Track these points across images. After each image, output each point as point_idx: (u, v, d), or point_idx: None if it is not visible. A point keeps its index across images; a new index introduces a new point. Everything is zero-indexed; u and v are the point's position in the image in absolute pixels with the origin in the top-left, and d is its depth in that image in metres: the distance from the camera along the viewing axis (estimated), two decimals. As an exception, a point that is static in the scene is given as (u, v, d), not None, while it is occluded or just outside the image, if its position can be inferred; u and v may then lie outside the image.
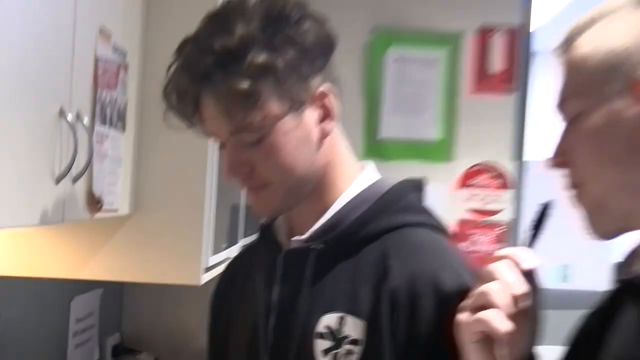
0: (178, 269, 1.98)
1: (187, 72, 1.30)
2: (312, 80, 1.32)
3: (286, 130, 1.30)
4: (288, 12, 1.31)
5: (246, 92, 1.25)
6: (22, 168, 1.36)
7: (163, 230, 1.99)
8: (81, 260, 2.01)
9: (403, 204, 1.39)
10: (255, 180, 1.34)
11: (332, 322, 1.32)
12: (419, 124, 3.24)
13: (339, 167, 1.40)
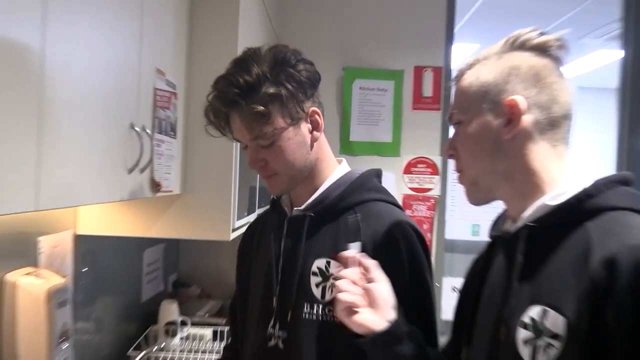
0: (214, 229, 1.97)
1: (220, 99, 1.31)
2: (306, 104, 1.34)
3: (289, 138, 1.31)
4: (288, 58, 1.32)
5: (262, 113, 1.27)
6: (105, 163, 1.36)
7: (203, 204, 1.98)
8: (149, 224, 2.00)
9: (368, 185, 1.39)
10: (268, 171, 1.35)
11: (321, 264, 1.33)
12: (376, 131, 3.23)
13: (324, 162, 1.40)
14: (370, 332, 1.13)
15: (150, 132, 1.59)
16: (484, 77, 1.02)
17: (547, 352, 0.87)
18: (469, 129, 1.03)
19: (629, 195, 0.95)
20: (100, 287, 2.25)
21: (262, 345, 1.37)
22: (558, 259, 0.92)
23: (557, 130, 1.01)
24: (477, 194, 1.06)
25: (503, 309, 0.96)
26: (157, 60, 1.64)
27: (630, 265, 0.81)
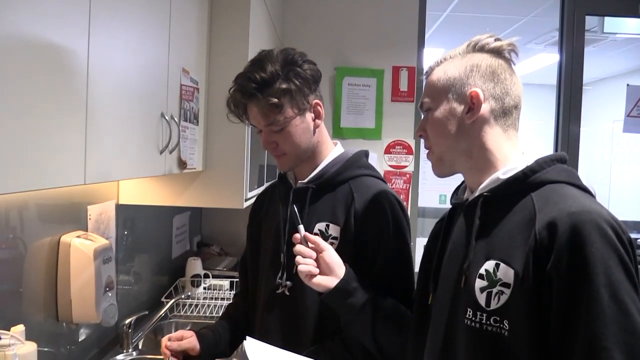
0: (230, 199, 1.96)
1: (240, 92, 1.29)
2: (310, 97, 1.32)
3: (296, 125, 1.30)
4: (296, 59, 1.30)
5: (276, 104, 1.26)
6: (141, 146, 1.34)
7: (221, 179, 1.96)
8: (177, 195, 1.98)
9: (359, 163, 1.38)
10: (278, 151, 1.33)
11: (322, 227, 1.32)
12: (362, 119, 3.20)
13: (324, 144, 1.38)
14: (327, 289, 1.17)
15: (178, 120, 1.57)
16: (450, 73, 1.02)
17: (499, 297, 0.88)
18: (437, 114, 1.02)
19: (565, 171, 0.96)
20: (139, 247, 2.24)
21: (272, 293, 1.37)
22: (508, 222, 0.92)
23: (509, 117, 1.01)
24: (442, 168, 1.05)
25: (463, 263, 0.96)
26: (182, 60, 1.62)
27: (567, 228, 0.82)
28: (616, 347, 0.78)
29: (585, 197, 0.90)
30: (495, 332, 0.88)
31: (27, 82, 0.83)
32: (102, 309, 1.55)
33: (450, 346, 0.96)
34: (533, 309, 0.84)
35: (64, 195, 1.58)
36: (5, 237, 1.33)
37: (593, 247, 0.80)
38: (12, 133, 0.80)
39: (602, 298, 0.79)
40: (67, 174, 0.97)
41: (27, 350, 1.25)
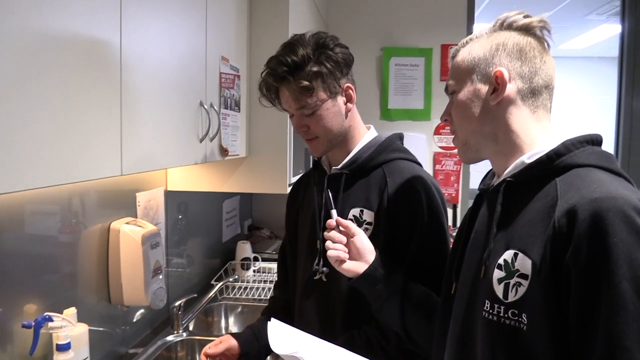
0: (274, 184, 1.98)
1: (272, 76, 1.28)
2: (342, 80, 1.30)
3: (327, 108, 1.28)
4: (327, 42, 1.28)
5: (307, 87, 1.25)
6: (180, 135, 1.37)
7: (265, 164, 1.98)
8: (222, 181, 2.02)
9: (393, 147, 1.35)
10: (309, 135, 1.32)
11: (356, 212, 1.30)
12: (410, 99, 3.13)
13: (356, 129, 1.36)
14: (356, 274, 1.17)
15: (218, 108, 1.59)
16: (475, 53, 0.97)
17: (517, 290, 0.83)
18: (460, 96, 0.97)
19: (595, 154, 0.89)
20: (190, 231, 2.30)
21: (309, 279, 1.37)
22: (530, 209, 0.87)
23: (538, 98, 0.95)
24: (467, 154, 1.01)
25: (484, 252, 0.92)
26: (221, 49, 1.63)
27: (587, 215, 0.76)
28: (639, 347, 0.72)
29: (615, 182, 0.82)
30: (514, 326, 0.83)
31: (62, 79, 0.86)
32: (151, 292, 1.61)
33: (469, 340, 0.92)
34: (551, 302, 0.78)
35: (115, 184, 1.64)
36: (69, 222, 1.39)
37: (616, 237, 0.73)
38: (47, 129, 0.83)
39: (625, 293, 0.72)
40: (103, 167, 1.00)
41: (79, 331, 1.32)
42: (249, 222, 3.15)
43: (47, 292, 1.33)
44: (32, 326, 1.21)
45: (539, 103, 0.95)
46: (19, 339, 1.21)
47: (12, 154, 0.76)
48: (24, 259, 1.26)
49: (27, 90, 0.79)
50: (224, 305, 2.26)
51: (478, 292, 0.91)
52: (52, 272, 1.36)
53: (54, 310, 1.29)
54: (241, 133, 1.87)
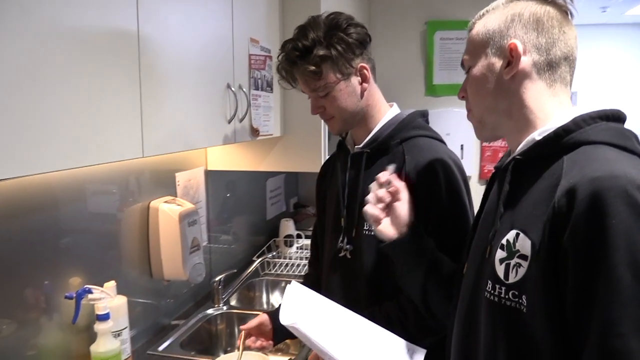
0: (309, 163, 2.01)
1: (285, 60, 1.31)
2: (355, 61, 1.30)
3: (340, 89, 1.29)
4: (340, 23, 1.28)
5: (314, 71, 1.26)
6: (206, 116, 1.41)
7: (300, 143, 2.02)
8: (259, 160, 2.07)
9: (414, 124, 1.34)
10: (326, 115, 1.34)
11: None
12: (456, 74, 3.05)
13: (376, 107, 1.36)
14: (389, 239, 1.14)
15: (247, 90, 1.63)
16: (490, 25, 0.93)
17: (517, 270, 0.81)
18: (474, 72, 0.94)
19: (608, 130, 0.84)
20: (235, 209, 2.38)
21: (334, 256, 1.40)
22: (536, 188, 0.84)
23: (555, 71, 0.90)
24: (484, 132, 0.98)
25: (490, 232, 0.90)
26: (250, 31, 1.66)
27: (586, 195, 0.72)
28: (635, 335, 0.68)
29: (623, 161, 0.78)
30: (514, 308, 0.81)
31: (79, 68, 0.92)
32: (189, 267, 1.69)
33: (473, 320, 0.92)
34: (549, 284, 0.76)
35: (154, 164, 1.72)
36: (112, 202, 1.49)
37: (615, 218, 0.70)
38: (67, 114, 0.89)
39: (622, 277, 0.69)
40: (124, 149, 1.06)
41: (118, 303, 1.41)
42: (294, 200, 3.19)
43: (91, 267, 1.43)
44: (74, 297, 1.31)
45: (556, 76, 0.91)
46: (64, 309, 1.32)
47: (31, 138, 0.83)
48: (70, 235, 1.36)
49: (48, 79, 0.85)
50: (265, 281, 2.33)
51: (483, 272, 0.90)
52: (97, 248, 1.46)
53: (97, 283, 1.38)
54: (275, 113, 1.91)
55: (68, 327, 1.33)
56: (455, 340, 0.99)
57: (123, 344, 1.40)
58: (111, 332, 1.35)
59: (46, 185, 1.27)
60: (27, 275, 1.22)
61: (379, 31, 3.07)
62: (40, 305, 1.26)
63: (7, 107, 0.78)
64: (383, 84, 1.35)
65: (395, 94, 3.02)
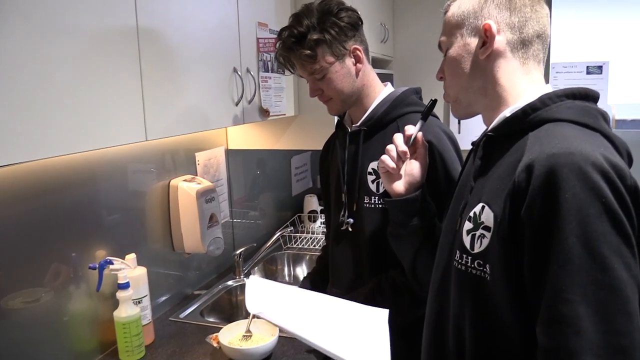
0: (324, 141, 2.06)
1: (282, 46, 1.38)
2: (348, 43, 1.35)
3: (336, 71, 1.36)
4: (332, 8, 1.34)
5: (309, 55, 1.33)
6: (212, 99, 1.50)
7: (314, 123, 2.09)
8: (276, 139, 2.15)
9: (407, 101, 1.39)
10: (324, 97, 1.41)
11: (374, 166, 1.37)
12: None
13: (370, 87, 1.42)
14: (395, 195, 1.19)
15: (256, 72, 1.70)
16: (464, 7, 0.96)
17: (481, 241, 0.86)
18: (451, 53, 0.98)
19: (573, 108, 0.87)
20: (259, 186, 2.49)
21: (337, 230, 1.47)
22: (503, 163, 0.88)
23: (528, 49, 0.93)
24: (459, 110, 1.02)
25: (461, 204, 0.96)
26: (257, 15, 1.73)
27: (542, 171, 0.76)
28: (583, 301, 0.72)
29: (582, 138, 0.81)
30: (479, 276, 0.86)
31: (80, 60, 1.02)
32: (207, 241, 1.81)
33: (445, 287, 0.97)
34: (510, 254, 0.81)
35: (175, 144, 1.83)
36: (136, 180, 1.61)
37: (568, 192, 0.73)
38: (71, 102, 1.00)
39: (572, 248, 0.73)
40: (128, 134, 1.16)
41: (138, 273, 1.54)
42: (322, 177, 3.25)
43: (116, 240, 1.56)
44: (97, 268, 1.44)
45: (529, 54, 0.94)
46: (90, 279, 1.46)
47: (38, 124, 0.94)
48: (97, 212, 1.49)
49: (54, 71, 0.95)
50: (286, 255, 2.43)
51: (454, 243, 0.96)
52: (122, 223, 1.59)
53: (121, 255, 1.52)
54: (287, 94, 1.98)
55: (94, 294, 1.47)
56: (428, 308, 1.05)
57: (143, 310, 1.53)
58: (132, 299, 1.48)
59: (72, 166, 1.40)
60: (57, 250, 1.36)
61: (403, 13, 3.07)
62: (69, 275, 1.40)
63: (19, 98, 0.89)
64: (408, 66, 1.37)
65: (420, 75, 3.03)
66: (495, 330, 0.85)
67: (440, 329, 0.99)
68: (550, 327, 0.75)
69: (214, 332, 1.54)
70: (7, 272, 1.22)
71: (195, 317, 1.77)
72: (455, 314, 0.94)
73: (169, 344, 1.57)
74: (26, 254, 1.27)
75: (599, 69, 3.01)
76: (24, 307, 1.27)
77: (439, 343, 0.99)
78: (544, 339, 0.76)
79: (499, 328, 0.85)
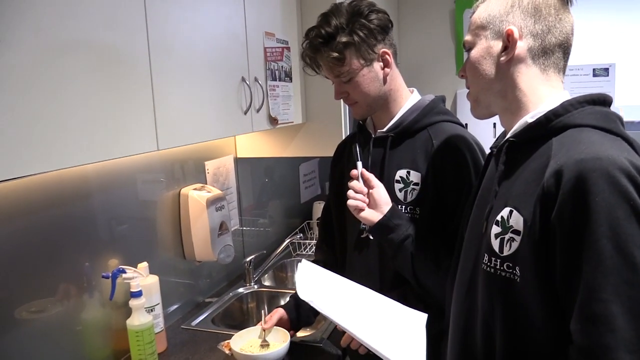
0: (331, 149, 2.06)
1: (309, 47, 1.36)
2: (377, 47, 1.33)
3: (363, 75, 1.34)
4: (362, 10, 1.32)
5: (337, 58, 1.31)
6: (224, 108, 1.52)
7: (321, 130, 2.10)
8: (284, 147, 2.17)
9: (437, 109, 1.38)
10: (350, 100, 1.39)
11: (403, 174, 1.35)
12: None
13: (398, 92, 1.40)
14: (372, 223, 1.28)
15: (264, 81, 1.72)
16: (491, 9, 0.98)
17: (510, 244, 0.88)
18: (474, 53, 0.99)
19: (594, 114, 0.89)
20: (268, 194, 2.50)
21: (358, 237, 1.45)
22: (527, 168, 0.90)
23: (549, 57, 0.95)
24: (478, 110, 1.03)
25: (486, 209, 0.97)
26: (264, 25, 1.75)
27: (572, 176, 0.79)
28: (616, 300, 0.75)
29: (607, 143, 0.83)
30: (508, 278, 0.88)
31: (92, 76, 1.04)
32: (218, 249, 1.82)
33: (473, 290, 0.99)
34: (540, 258, 0.83)
35: (185, 153, 1.85)
36: (147, 190, 1.63)
37: (598, 196, 0.76)
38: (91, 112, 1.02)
39: (604, 249, 0.76)
40: (140, 144, 1.18)
41: (150, 281, 1.56)
42: (330, 184, 3.26)
43: (128, 249, 1.58)
44: (109, 277, 1.46)
45: (549, 62, 0.96)
46: (103, 288, 1.47)
47: (51, 136, 0.95)
48: (109, 221, 1.51)
49: (66, 86, 0.97)
50: (296, 261, 2.43)
51: (481, 246, 0.97)
52: (133, 232, 1.61)
53: (133, 264, 1.53)
54: (295, 102, 1.99)
55: (107, 303, 1.49)
56: (455, 310, 1.06)
57: (156, 318, 1.54)
58: (144, 307, 1.49)
59: (84, 177, 1.42)
60: (70, 259, 1.38)
61: (408, 12, 3.09)
62: (82, 284, 1.41)
63: (32, 110, 0.91)
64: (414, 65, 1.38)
65: (426, 74, 3.05)
66: (526, 330, 0.88)
67: (468, 331, 1.01)
68: (585, 325, 0.78)
69: (225, 340, 1.55)
70: (21, 283, 1.24)
71: (207, 324, 1.78)
72: (484, 316, 0.95)
73: (181, 351, 1.58)
74: (39, 264, 1.28)
75: (606, 72, 3.00)
76: (37, 317, 1.29)
77: (467, 345, 1.01)
78: (579, 337, 0.79)
79: (529, 328, 0.87)
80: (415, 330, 1.21)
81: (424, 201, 1.30)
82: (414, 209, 1.33)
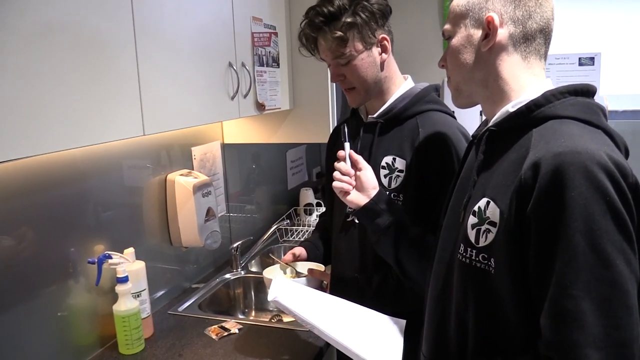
0: (318, 134, 2.08)
1: (309, 26, 1.33)
2: (377, 31, 1.33)
3: (362, 58, 1.33)
4: None
5: (341, 38, 1.30)
6: (210, 94, 1.51)
7: (309, 115, 2.09)
8: (271, 133, 2.16)
9: (428, 98, 1.38)
10: (346, 84, 1.38)
11: (389, 160, 1.35)
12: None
13: (392, 79, 1.39)
14: (357, 206, 1.26)
15: (251, 67, 1.71)
16: None
17: (487, 236, 0.87)
18: (454, 42, 0.98)
19: (576, 105, 0.88)
20: (255, 180, 2.50)
21: (344, 220, 1.47)
22: (507, 159, 0.88)
23: (531, 43, 0.94)
24: (460, 99, 1.03)
25: (464, 198, 0.97)
26: (251, 10, 1.73)
27: (549, 169, 0.77)
28: (586, 297, 0.74)
29: (586, 136, 0.82)
30: (483, 269, 0.87)
31: (79, 59, 1.02)
32: (205, 235, 1.82)
33: (448, 280, 0.99)
34: (515, 249, 0.82)
35: (171, 139, 1.84)
36: (133, 176, 1.62)
37: (574, 191, 0.75)
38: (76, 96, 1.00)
39: (577, 245, 0.75)
40: (126, 129, 1.17)
41: (136, 267, 1.55)
42: (317, 170, 3.27)
43: (115, 235, 1.57)
44: (95, 262, 1.45)
45: (531, 49, 0.94)
46: (89, 273, 1.47)
47: (36, 120, 0.94)
48: (94, 206, 1.50)
49: (50, 69, 0.96)
50: (283, 247, 2.45)
51: (458, 236, 0.96)
52: (120, 218, 1.60)
53: (119, 250, 1.53)
54: (282, 87, 1.98)
55: (93, 289, 1.48)
56: (431, 300, 1.06)
57: (142, 304, 1.54)
58: (130, 293, 1.49)
59: (69, 162, 1.40)
60: (56, 245, 1.37)
61: (399, 2, 3.07)
62: (68, 270, 1.41)
63: (16, 95, 0.89)
64: (401, 53, 1.38)
65: (412, 62, 3.03)
66: (498, 321, 0.87)
67: (443, 320, 1.00)
68: (555, 321, 0.77)
69: (212, 325, 1.56)
70: (6, 268, 1.23)
71: (194, 310, 1.79)
72: (458, 306, 0.95)
73: (168, 336, 1.58)
74: (25, 249, 1.27)
75: (591, 61, 3.02)
76: (23, 302, 1.28)
77: (441, 334, 1.01)
78: (548, 332, 0.78)
79: (501, 319, 0.86)
80: (392, 334, 1.21)
81: (407, 188, 1.31)
82: (397, 196, 1.33)
